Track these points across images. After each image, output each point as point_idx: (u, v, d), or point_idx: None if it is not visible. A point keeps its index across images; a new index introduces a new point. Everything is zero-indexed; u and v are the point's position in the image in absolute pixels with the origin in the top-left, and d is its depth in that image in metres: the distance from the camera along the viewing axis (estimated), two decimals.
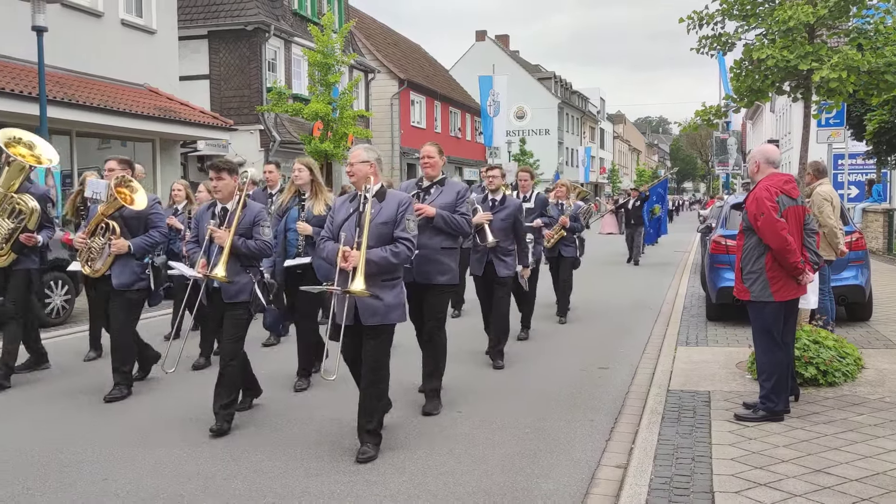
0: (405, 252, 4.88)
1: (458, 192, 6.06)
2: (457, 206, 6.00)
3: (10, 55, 14.42)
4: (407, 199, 5.04)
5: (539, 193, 9.34)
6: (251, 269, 5.65)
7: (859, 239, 9.14)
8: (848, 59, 6.85)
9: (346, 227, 4.93)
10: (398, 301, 4.95)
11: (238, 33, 23.59)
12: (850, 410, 5.53)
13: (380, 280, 4.82)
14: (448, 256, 5.99)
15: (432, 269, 5.92)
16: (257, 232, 5.59)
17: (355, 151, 5.05)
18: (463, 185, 6.25)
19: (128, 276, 6.43)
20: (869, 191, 22.71)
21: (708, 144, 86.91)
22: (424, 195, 6.08)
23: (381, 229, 4.87)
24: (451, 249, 6.03)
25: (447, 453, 4.96)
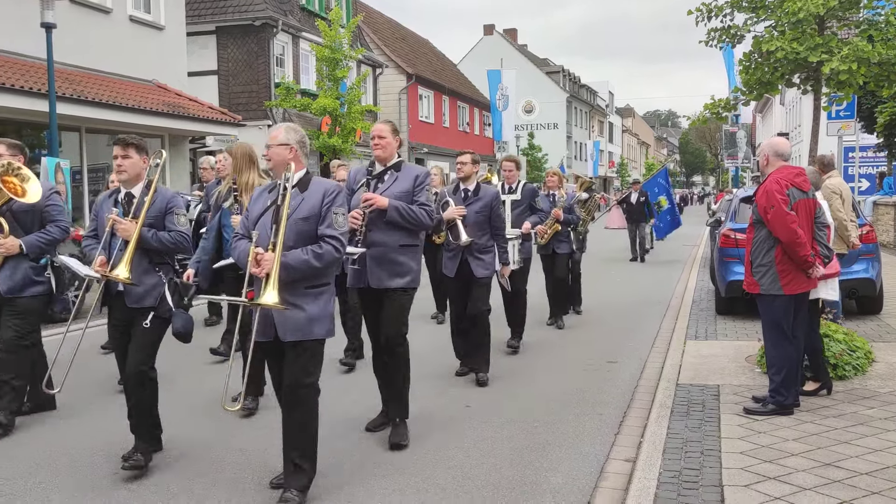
0: (331, 253, 4.05)
1: (416, 178, 5.16)
2: (415, 194, 5.11)
3: (19, 52, 14.47)
4: (334, 188, 4.19)
5: (526, 184, 8.25)
6: (162, 267, 4.76)
7: (870, 232, 9.08)
8: (858, 51, 6.83)
9: (260, 224, 4.12)
10: (324, 312, 4.13)
11: (246, 28, 23.62)
12: (860, 404, 5.51)
13: (302, 287, 4.05)
14: (407, 255, 5.14)
15: (388, 270, 5.07)
16: (171, 221, 4.73)
17: (274, 132, 4.26)
18: (423, 169, 5.33)
19: (19, 280, 5.37)
20: (880, 183, 22.58)
21: (717, 138, 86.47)
22: (377, 183, 5.14)
23: (303, 226, 4.07)
24: (411, 247, 5.19)
25: (456, 447, 4.97)
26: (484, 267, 6.57)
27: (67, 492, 4.30)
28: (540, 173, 45.93)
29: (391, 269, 5.07)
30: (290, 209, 4.02)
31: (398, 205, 5.02)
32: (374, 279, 5.07)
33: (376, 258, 5.04)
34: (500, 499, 4.14)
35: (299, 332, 4.05)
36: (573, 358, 7.62)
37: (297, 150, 4.20)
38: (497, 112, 36.14)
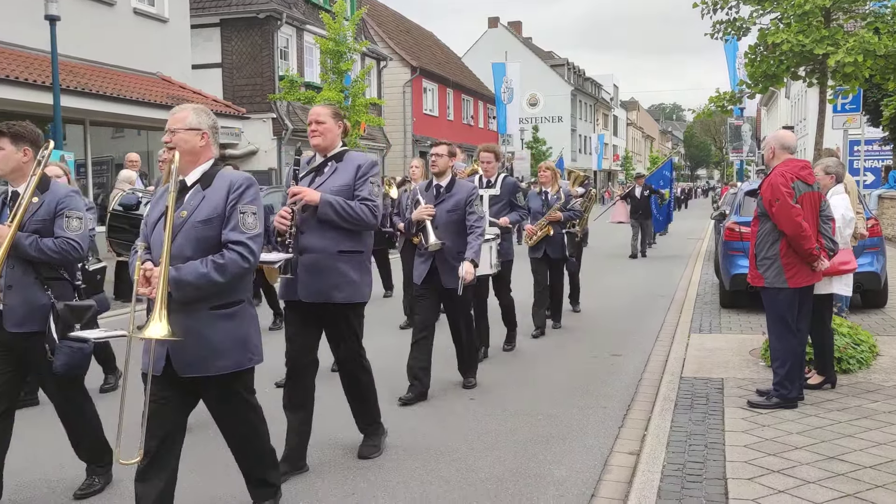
0: (237, 263, 3.24)
1: (358, 168, 4.31)
2: (356, 188, 4.29)
3: (23, 44, 14.48)
4: (242, 181, 3.38)
5: (507, 177, 7.49)
6: (53, 284, 3.93)
7: (875, 225, 9.06)
8: (864, 43, 6.80)
9: (156, 232, 3.32)
10: (234, 339, 3.34)
11: (250, 21, 23.59)
12: (864, 397, 5.50)
13: (205, 309, 3.27)
14: (348, 264, 4.28)
15: (325, 282, 4.24)
16: (59, 226, 3.89)
17: (180, 113, 3.42)
18: (368, 158, 4.46)
19: None
20: (885, 177, 22.49)
21: (722, 131, 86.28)
22: (315, 176, 4.35)
23: (203, 230, 3.27)
24: (353, 254, 4.32)
25: (460, 440, 4.98)
26: (456, 276, 5.72)
27: None
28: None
29: (327, 281, 4.23)
30: (188, 210, 3.28)
31: (333, 200, 4.17)
32: (306, 291, 4.24)
33: (309, 266, 4.23)
34: (503, 491, 4.15)
35: (197, 366, 3.28)
36: (577, 351, 7.62)
37: (210, 137, 3.42)
38: (502, 105, 36.09)
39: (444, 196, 5.85)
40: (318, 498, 4.08)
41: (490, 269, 6.67)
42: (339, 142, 4.44)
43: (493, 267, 6.71)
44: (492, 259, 6.67)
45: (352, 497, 4.08)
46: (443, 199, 5.84)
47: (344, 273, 4.27)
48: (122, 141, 17.33)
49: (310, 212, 4.21)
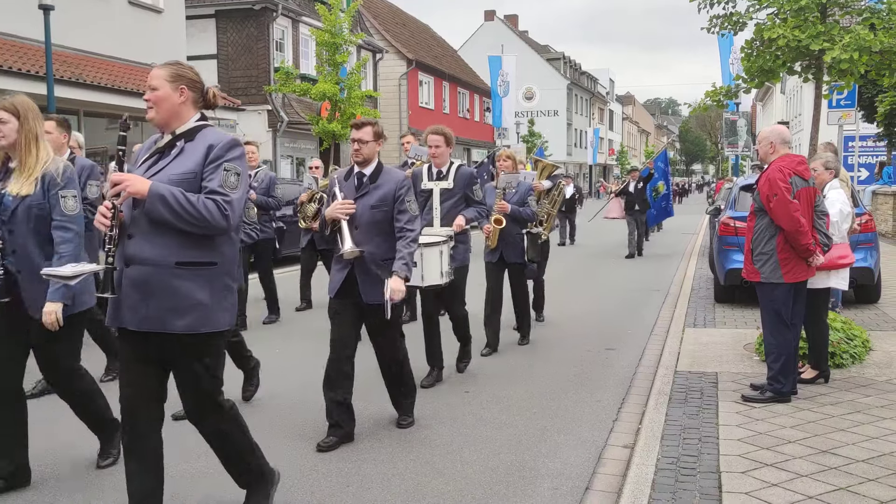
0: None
1: (209, 150, 3.21)
2: (204, 175, 3.18)
3: (17, 34, 14.40)
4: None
5: (461, 166, 6.31)
6: None
7: (869, 221, 9.09)
8: (860, 39, 6.81)
9: None
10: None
11: (246, 12, 23.52)
12: (857, 392, 5.53)
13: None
14: (193, 280, 3.19)
15: (158, 304, 3.16)
16: None
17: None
18: (228, 137, 3.33)
19: None
20: (879, 173, 22.57)
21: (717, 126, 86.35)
22: (158, 159, 3.30)
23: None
24: (199, 267, 3.20)
25: (455, 432, 4.99)
26: (381, 291, 4.60)
27: None
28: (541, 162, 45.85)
29: (161, 303, 3.15)
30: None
31: (167, 192, 3.06)
32: (134, 316, 3.20)
33: (137, 283, 3.17)
34: (497, 483, 4.16)
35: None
36: (572, 345, 7.63)
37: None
38: (498, 98, 36.07)
39: (367, 188, 4.70)
40: (312, 490, 4.08)
41: (441, 278, 5.59)
42: (189, 114, 3.32)
43: (444, 276, 5.60)
44: (443, 266, 5.58)
45: (346, 490, 4.09)
46: (366, 191, 4.69)
47: (185, 293, 3.16)
48: (115, 132, 17.17)
49: (140, 208, 3.15)
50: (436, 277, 5.57)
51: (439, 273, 5.58)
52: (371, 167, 4.74)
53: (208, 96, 3.41)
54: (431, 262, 5.52)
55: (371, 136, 4.70)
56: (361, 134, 4.69)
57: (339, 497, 3.99)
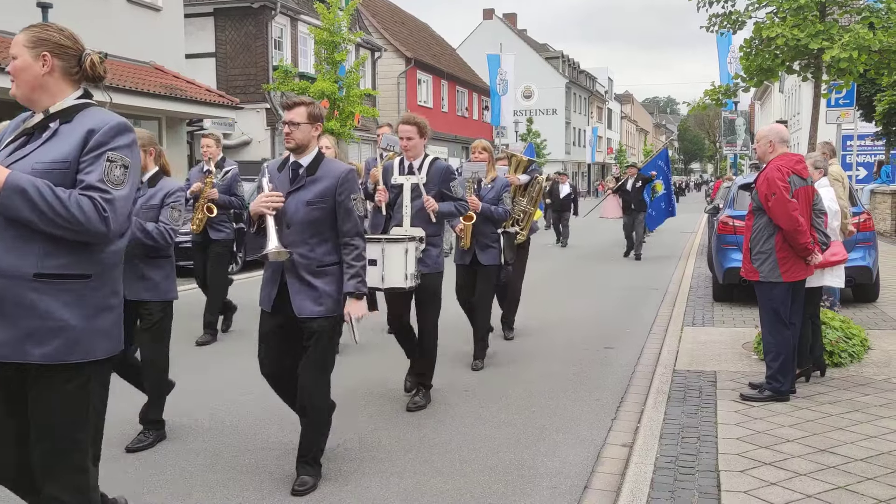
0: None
1: (88, 135, 2.56)
2: (81, 167, 2.53)
3: (14, 32, 14.35)
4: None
5: (436, 160, 5.56)
6: None
7: (867, 220, 9.10)
8: (859, 39, 6.81)
9: None
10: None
11: (244, 11, 23.49)
12: (855, 391, 5.53)
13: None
14: (58, 296, 2.48)
15: (12, 327, 2.45)
16: None
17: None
18: (115, 120, 2.65)
19: None
20: (877, 172, 22.59)
21: (716, 125, 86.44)
22: (26, 141, 2.64)
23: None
24: (65, 281, 2.49)
25: (454, 431, 4.99)
26: (315, 300, 3.91)
27: None
28: (540, 160, 45.87)
29: (17, 325, 2.45)
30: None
31: (29, 184, 2.39)
32: None
33: None
34: (496, 482, 4.16)
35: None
36: (570, 343, 7.63)
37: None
38: (496, 96, 36.09)
39: (303, 180, 3.98)
40: None
41: (405, 281, 4.93)
42: (61, 88, 2.68)
43: (408, 279, 4.94)
44: (407, 267, 4.94)
45: (345, 488, 4.08)
46: (301, 184, 3.97)
47: (46, 312, 2.45)
48: None
49: None
50: (398, 279, 4.93)
51: (403, 275, 4.92)
52: (309, 157, 4.01)
53: (85, 65, 2.72)
54: (394, 261, 4.93)
55: (304, 118, 3.95)
56: (293, 115, 3.95)
57: (338, 496, 3.99)
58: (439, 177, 5.47)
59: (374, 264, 4.72)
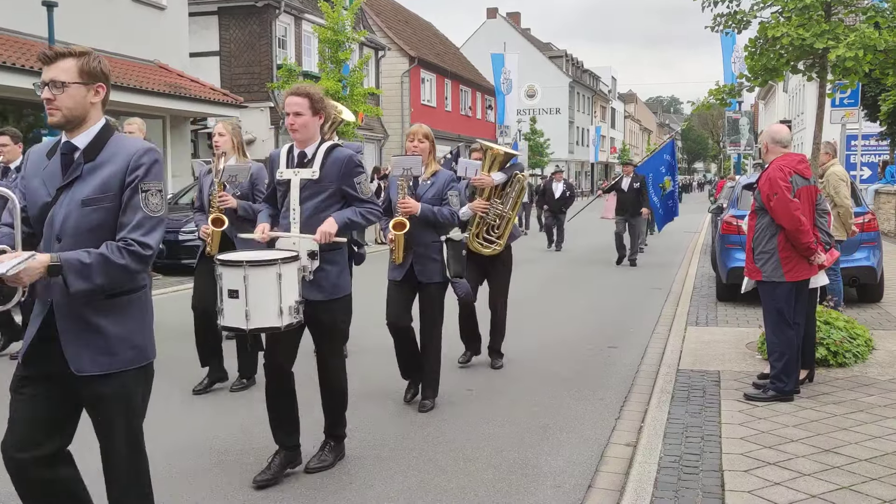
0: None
1: None
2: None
3: (20, 30, 14.41)
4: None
5: (338, 147, 4.29)
6: None
7: (871, 220, 9.09)
8: (864, 38, 6.79)
9: None
10: None
11: (248, 9, 23.49)
12: (860, 391, 5.53)
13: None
14: None
15: None
16: None
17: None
18: None
19: None
20: (882, 172, 22.54)
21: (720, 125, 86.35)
22: None
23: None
24: None
25: (458, 429, 4.99)
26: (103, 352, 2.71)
27: None
28: (542, 159, 45.87)
29: None
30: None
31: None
32: None
33: None
34: (500, 480, 4.17)
35: None
36: (574, 343, 7.64)
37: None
38: (501, 95, 36.09)
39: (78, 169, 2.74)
40: (314, 486, 4.09)
41: (278, 318, 3.75)
42: None
43: (285, 314, 3.77)
44: (283, 299, 3.76)
45: (350, 486, 4.09)
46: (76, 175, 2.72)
47: None
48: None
49: None
50: (270, 317, 3.74)
51: (276, 309, 3.74)
52: (86, 134, 2.78)
53: None
54: (262, 291, 3.71)
55: (76, 76, 2.74)
56: (55, 72, 2.72)
57: (342, 494, 4.00)
58: (339, 170, 4.13)
59: (236, 296, 3.69)
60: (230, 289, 3.72)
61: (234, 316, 3.74)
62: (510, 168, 6.29)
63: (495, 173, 6.23)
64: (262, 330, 3.88)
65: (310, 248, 4.04)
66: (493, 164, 6.26)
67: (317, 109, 4.12)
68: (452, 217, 5.30)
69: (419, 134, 5.36)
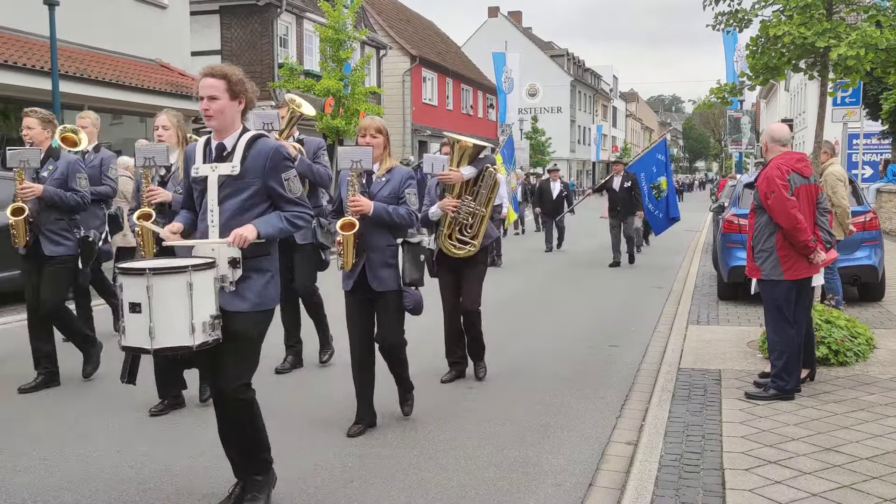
0: None
1: None
2: None
3: (22, 29, 14.42)
4: None
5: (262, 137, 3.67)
6: None
7: (873, 219, 9.08)
8: (866, 37, 6.77)
9: None
10: None
11: (250, 8, 23.52)
12: (860, 390, 5.53)
13: None
14: None
15: None
16: None
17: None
18: None
19: None
20: (883, 171, 22.52)
21: (721, 123, 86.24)
22: None
23: None
24: None
25: (458, 428, 5.00)
26: None
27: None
28: (544, 157, 45.85)
29: None
30: None
31: None
32: None
33: None
34: (501, 479, 4.17)
35: None
36: (575, 341, 7.64)
37: None
38: (502, 94, 36.10)
39: None
40: (316, 485, 4.09)
41: (189, 336, 3.30)
42: None
43: (197, 331, 3.31)
44: (193, 313, 3.29)
45: (351, 485, 4.10)
46: None
47: None
48: (120, 127, 17.31)
49: None
50: (179, 335, 3.28)
51: (187, 326, 3.28)
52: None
53: None
54: (170, 304, 3.25)
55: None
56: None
57: (343, 492, 4.00)
58: (263, 164, 3.56)
59: (138, 311, 3.23)
60: (131, 302, 3.24)
61: (136, 334, 3.26)
62: (480, 161, 5.85)
63: (464, 168, 5.77)
64: (170, 350, 3.32)
65: (231, 255, 3.47)
66: (463, 158, 5.80)
67: (235, 92, 3.58)
68: (410, 217, 4.79)
69: (371, 128, 4.85)
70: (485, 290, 6.24)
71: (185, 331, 3.27)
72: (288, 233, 3.66)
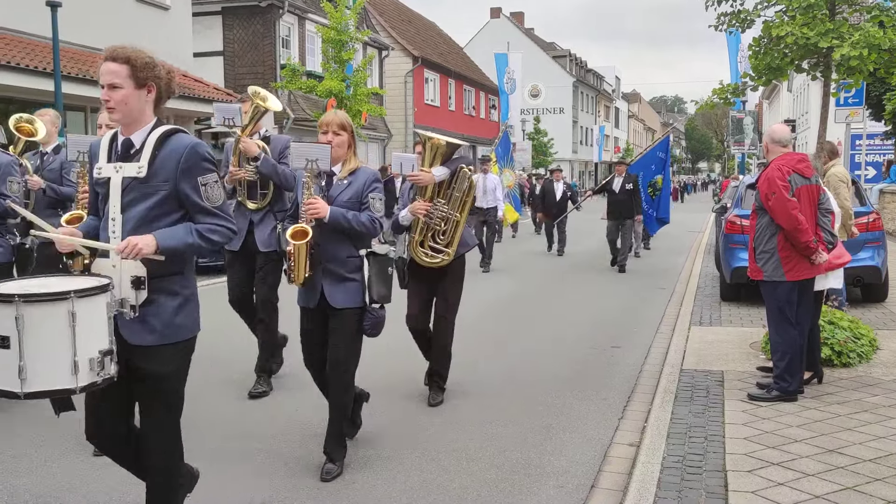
0: None
1: None
2: None
3: (24, 30, 14.44)
4: None
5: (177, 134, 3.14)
6: None
7: (876, 220, 9.06)
8: (869, 37, 6.78)
9: None
10: None
11: (252, 9, 23.54)
12: (864, 391, 5.51)
13: None
14: None
15: None
16: None
17: None
18: None
19: None
20: (887, 171, 22.48)
21: (724, 124, 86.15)
22: None
23: None
24: None
25: (460, 430, 4.99)
26: None
27: None
28: (546, 158, 45.83)
29: None
30: None
31: None
32: None
33: None
34: (503, 480, 4.16)
35: None
36: (577, 342, 7.62)
37: None
38: (505, 95, 36.11)
39: None
40: (318, 486, 4.09)
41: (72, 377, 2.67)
42: None
43: (81, 369, 2.68)
44: (76, 350, 2.66)
45: (352, 486, 4.09)
46: None
47: None
48: None
49: None
50: (58, 376, 2.66)
51: (69, 364, 2.65)
52: None
53: None
54: (46, 337, 2.64)
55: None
56: None
57: (345, 493, 4.00)
58: (175, 165, 3.00)
59: (6, 346, 2.59)
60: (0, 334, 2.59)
61: (2, 374, 2.60)
62: (454, 161, 5.30)
63: (436, 168, 5.21)
64: (47, 394, 2.70)
65: (134, 274, 2.86)
66: (436, 158, 5.23)
67: (142, 80, 3.02)
68: (372, 225, 4.20)
69: (333, 124, 4.27)
70: (485, 290, 6.23)
71: (65, 370, 2.64)
72: (199, 249, 3.00)
